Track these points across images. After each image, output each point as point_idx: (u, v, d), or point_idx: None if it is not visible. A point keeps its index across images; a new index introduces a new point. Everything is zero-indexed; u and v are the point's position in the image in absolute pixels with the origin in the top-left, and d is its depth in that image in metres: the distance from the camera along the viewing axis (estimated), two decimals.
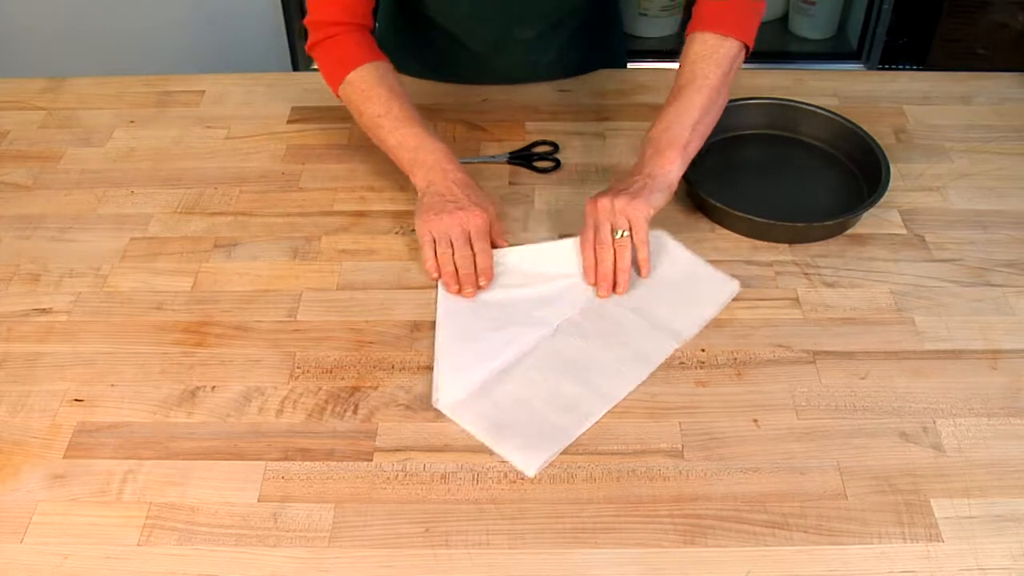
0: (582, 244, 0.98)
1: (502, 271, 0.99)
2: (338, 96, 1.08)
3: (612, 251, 0.95)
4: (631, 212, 0.94)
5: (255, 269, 1.02)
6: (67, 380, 0.90)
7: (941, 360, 0.90)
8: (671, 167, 0.96)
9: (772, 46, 2.37)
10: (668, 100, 1.00)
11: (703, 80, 0.98)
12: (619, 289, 0.95)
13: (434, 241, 0.98)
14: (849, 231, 1.05)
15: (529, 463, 0.81)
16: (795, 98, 1.19)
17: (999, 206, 1.09)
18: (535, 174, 1.15)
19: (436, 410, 0.86)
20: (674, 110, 0.98)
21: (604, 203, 0.95)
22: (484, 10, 1.19)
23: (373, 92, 1.04)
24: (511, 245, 1.02)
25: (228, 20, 2.13)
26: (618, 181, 0.98)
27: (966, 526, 0.76)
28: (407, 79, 1.30)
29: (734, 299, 0.97)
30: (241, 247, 1.05)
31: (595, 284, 0.96)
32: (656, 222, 1.04)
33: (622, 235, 0.94)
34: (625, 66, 1.40)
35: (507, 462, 0.81)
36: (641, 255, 0.96)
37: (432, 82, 1.30)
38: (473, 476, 0.81)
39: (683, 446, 0.83)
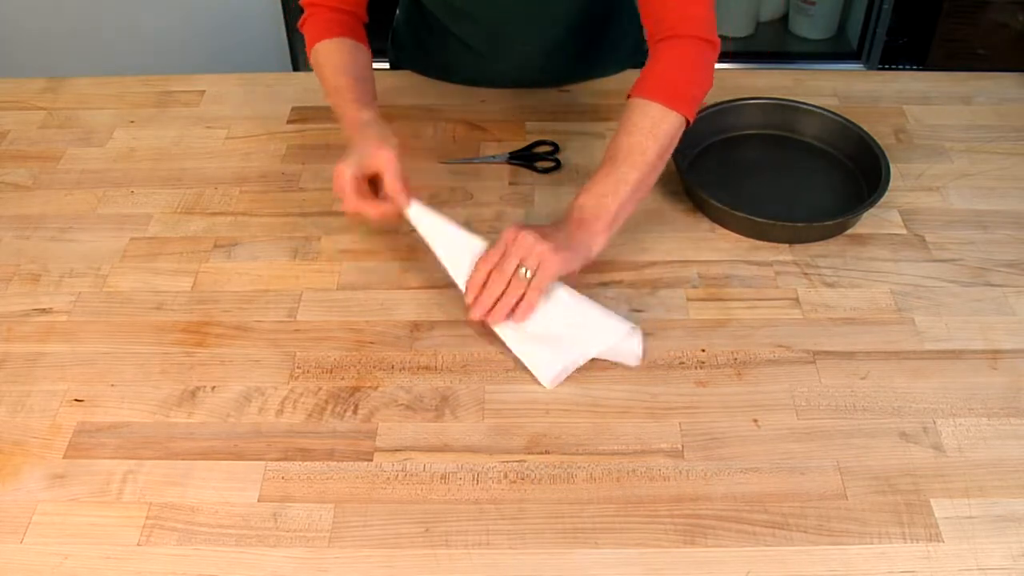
0: (480, 260, 0.91)
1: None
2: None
3: (506, 283, 0.89)
4: (546, 259, 0.88)
5: (255, 269, 1.02)
6: (67, 380, 0.90)
7: (941, 360, 0.90)
8: (597, 240, 0.93)
9: (772, 46, 2.37)
10: (602, 168, 0.94)
11: (640, 156, 0.94)
12: (490, 318, 0.90)
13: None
14: (849, 231, 1.05)
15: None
16: (795, 98, 1.19)
17: (999, 206, 1.09)
18: (535, 174, 1.15)
19: (436, 410, 0.86)
20: (609, 183, 0.93)
21: (527, 238, 0.89)
22: (478, 19, 1.20)
23: (328, 64, 1.07)
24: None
25: (228, 20, 2.13)
26: (550, 226, 0.93)
27: (966, 526, 0.76)
28: (419, 77, 1.31)
29: (734, 299, 0.97)
30: (241, 247, 1.05)
31: (471, 303, 0.91)
32: (656, 222, 1.04)
33: (526, 272, 0.89)
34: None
35: (507, 462, 0.81)
36: (530, 299, 0.89)
37: (433, 81, 1.30)
38: (473, 476, 0.81)
39: (683, 446, 0.83)
